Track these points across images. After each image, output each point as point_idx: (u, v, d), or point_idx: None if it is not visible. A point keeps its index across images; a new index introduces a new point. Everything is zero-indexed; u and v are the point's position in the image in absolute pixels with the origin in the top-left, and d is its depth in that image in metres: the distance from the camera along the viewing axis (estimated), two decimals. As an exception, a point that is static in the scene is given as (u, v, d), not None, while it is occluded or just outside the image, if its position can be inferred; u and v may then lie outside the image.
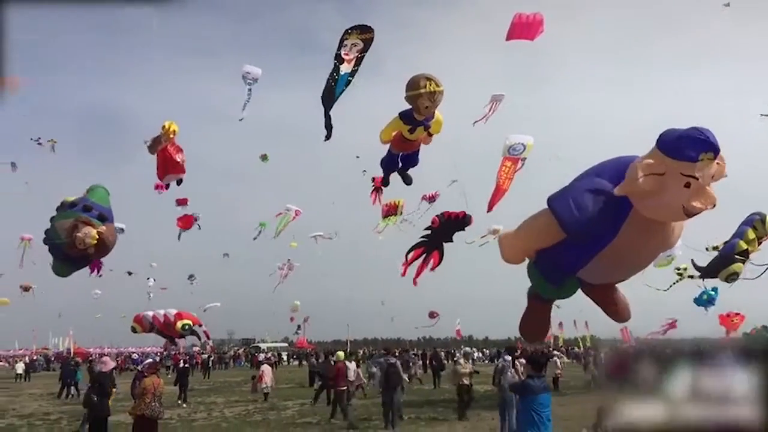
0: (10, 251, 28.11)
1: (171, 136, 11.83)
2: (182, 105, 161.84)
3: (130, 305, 27.96)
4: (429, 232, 10.21)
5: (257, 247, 33.99)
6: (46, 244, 9.30)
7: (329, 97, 9.29)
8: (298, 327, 57.46)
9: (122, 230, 15.81)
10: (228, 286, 62.41)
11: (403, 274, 10.55)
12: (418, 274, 10.55)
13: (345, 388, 16.86)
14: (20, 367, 43.35)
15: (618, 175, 5.43)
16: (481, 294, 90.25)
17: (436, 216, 10.22)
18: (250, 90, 15.24)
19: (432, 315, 46.44)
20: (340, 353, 19.95)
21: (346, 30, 9.32)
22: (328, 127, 9.31)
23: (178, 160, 12.01)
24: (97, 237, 8.23)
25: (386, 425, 15.08)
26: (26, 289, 36.99)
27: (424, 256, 10.15)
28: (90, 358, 41.08)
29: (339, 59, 9.19)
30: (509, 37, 12.68)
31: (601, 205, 5.52)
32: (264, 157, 29.20)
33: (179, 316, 27.94)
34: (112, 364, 14.71)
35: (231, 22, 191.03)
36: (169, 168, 12.20)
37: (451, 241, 10.18)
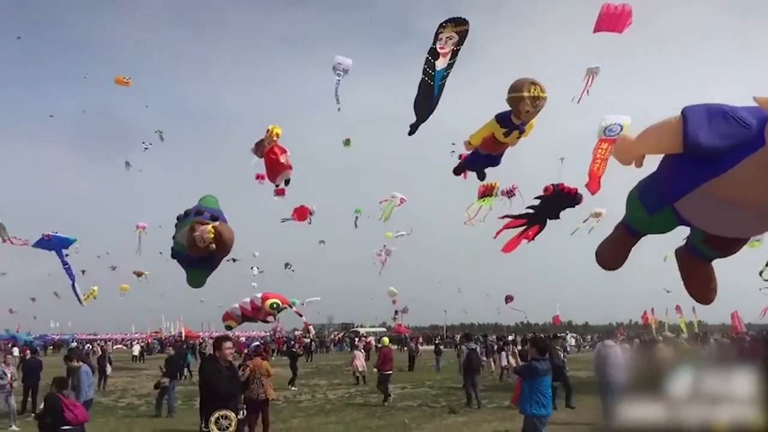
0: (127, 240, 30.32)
1: (275, 138, 12.27)
2: (281, 97, 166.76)
3: (233, 293, 29.21)
4: (538, 201, 9.86)
5: (355, 233, 34.71)
6: (174, 258, 9.88)
7: (425, 101, 9.14)
8: (396, 312, 58.19)
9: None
10: (326, 272, 63.93)
11: (495, 236, 10.27)
12: (511, 244, 10.27)
13: (390, 372, 18.37)
14: (136, 350, 46.61)
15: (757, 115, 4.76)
16: (581, 279, 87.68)
17: (551, 184, 9.87)
18: (338, 81, 15.57)
19: (508, 299, 45.83)
20: (386, 339, 22.38)
21: (441, 23, 9.18)
22: (415, 127, 9.28)
23: (282, 161, 12.43)
24: (213, 231, 8.71)
25: (468, 404, 16.61)
26: (139, 274, 39.78)
27: (523, 228, 9.87)
28: (200, 341, 43.45)
29: (434, 54, 9.05)
30: (597, 29, 12.23)
31: (734, 128, 4.79)
32: (347, 142, 29.55)
33: (265, 297, 28.88)
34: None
35: (325, 12, 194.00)
36: (276, 169, 12.66)
37: (557, 218, 9.82)
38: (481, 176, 10.07)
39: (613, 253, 6.66)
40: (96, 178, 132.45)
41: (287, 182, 13.65)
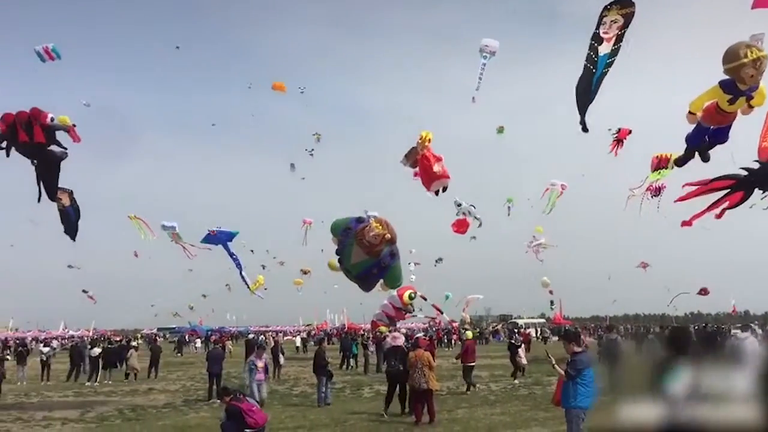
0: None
1: (426, 144, 12.34)
2: (428, 89, 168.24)
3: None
4: (757, 166, 8.93)
5: (508, 224, 34.30)
6: (359, 281, 10.21)
7: (587, 89, 8.63)
8: (551, 303, 56.77)
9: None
10: (481, 263, 63.58)
11: (683, 199, 9.44)
12: (698, 214, 9.44)
13: (473, 363, 19.10)
14: (298, 340, 49.54)
15: None
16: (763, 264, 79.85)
17: None
18: (484, 64, 15.34)
19: (702, 292, 42.47)
20: (469, 333, 23.40)
21: (605, 6, 8.69)
22: (584, 120, 8.76)
23: (436, 169, 12.47)
24: (378, 224, 8.98)
25: None
26: (305, 272, 42.22)
27: (723, 194, 8.97)
28: (361, 334, 45.04)
29: (597, 39, 8.55)
30: (756, 5, 10.97)
31: None
32: (500, 130, 29.12)
33: (400, 293, 29.36)
34: (402, 339, 16.13)
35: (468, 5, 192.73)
36: (432, 177, 12.72)
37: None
38: (705, 158, 9.10)
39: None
40: (260, 178, 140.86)
41: (445, 189, 13.67)
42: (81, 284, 55.76)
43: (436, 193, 15.07)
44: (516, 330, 57.22)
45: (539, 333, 56.59)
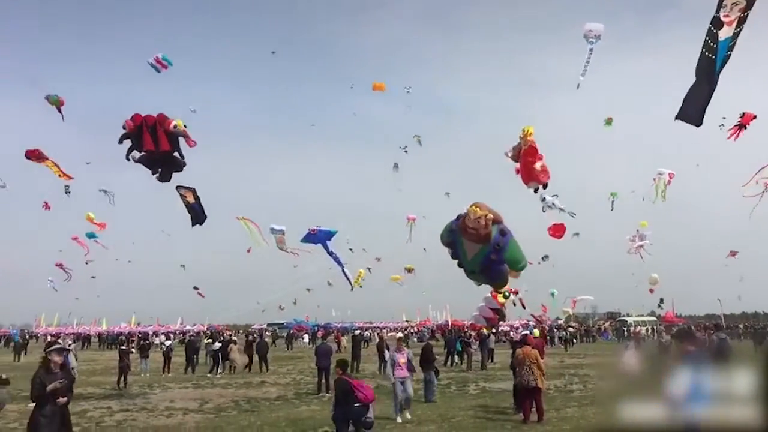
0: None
1: (529, 138, 12.18)
2: (534, 85, 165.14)
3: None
4: None
5: (611, 218, 33.31)
6: (473, 277, 10.18)
7: (709, 79, 8.02)
8: (661, 300, 54.26)
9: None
10: (586, 261, 61.61)
11: None
12: None
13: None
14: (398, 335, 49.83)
15: None
16: None
17: None
18: (591, 49, 14.91)
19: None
20: (536, 331, 23.22)
21: None
22: (701, 110, 8.14)
23: (537, 167, 12.28)
24: (475, 207, 8.84)
25: None
26: (409, 270, 42.74)
27: None
28: (465, 331, 44.89)
29: (717, 23, 7.92)
30: None
31: None
32: (608, 121, 28.16)
33: (494, 295, 28.95)
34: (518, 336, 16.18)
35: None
36: (531, 174, 12.53)
37: None
38: None
39: None
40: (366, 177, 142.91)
41: (536, 190, 13.43)
42: (194, 281, 59.13)
43: (535, 190, 14.77)
44: (625, 328, 55.14)
45: (651, 332, 54.19)
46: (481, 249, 8.87)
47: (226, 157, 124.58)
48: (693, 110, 8.57)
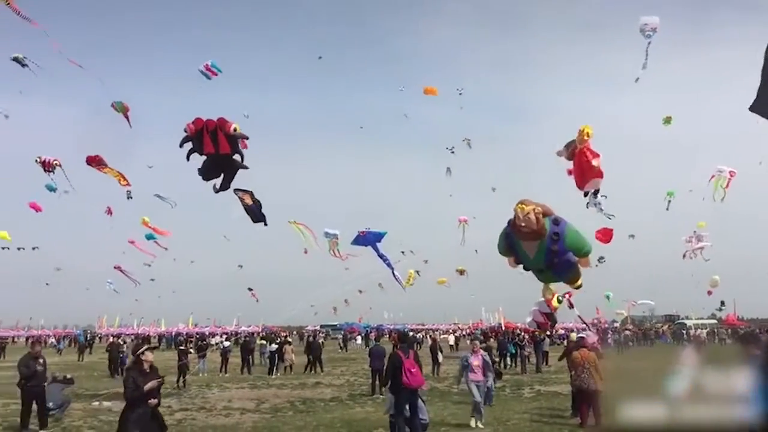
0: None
1: (585, 138, 11.91)
2: (584, 79, 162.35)
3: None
4: None
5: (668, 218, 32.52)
6: (541, 276, 10.05)
7: None
8: (722, 303, 52.46)
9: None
10: (639, 262, 60.00)
11: None
12: None
13: None
14: (451, 339, 49.97)
15: None
16: None
17: None
18: (649, 42, 14.64)
19: None
20: (573, 335, 21.75)
21: None
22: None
23: (594, 164, 12.00)
24: (523, 204, 8.67)
25: None
26: (461, 272, 42.68)
27: None
28: (518, 333, 44.46)
29: None
30: None
31: None
32: (667, 120, 27.41)
33: (548, 301, 28.46)
34: (592, 339, 15.90)
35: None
36: (587, 174, 12.25)
37: None
38: None
39: None
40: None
41: (596, 193, 13.15)
42: (249, 283, 60.21)
43: (585, 194, 14.42)
44: (684, 331, 53.61)
45: (714, 334, 52.50)
46: (540, 244, 8.59)
47: (280, 160, 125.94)
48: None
